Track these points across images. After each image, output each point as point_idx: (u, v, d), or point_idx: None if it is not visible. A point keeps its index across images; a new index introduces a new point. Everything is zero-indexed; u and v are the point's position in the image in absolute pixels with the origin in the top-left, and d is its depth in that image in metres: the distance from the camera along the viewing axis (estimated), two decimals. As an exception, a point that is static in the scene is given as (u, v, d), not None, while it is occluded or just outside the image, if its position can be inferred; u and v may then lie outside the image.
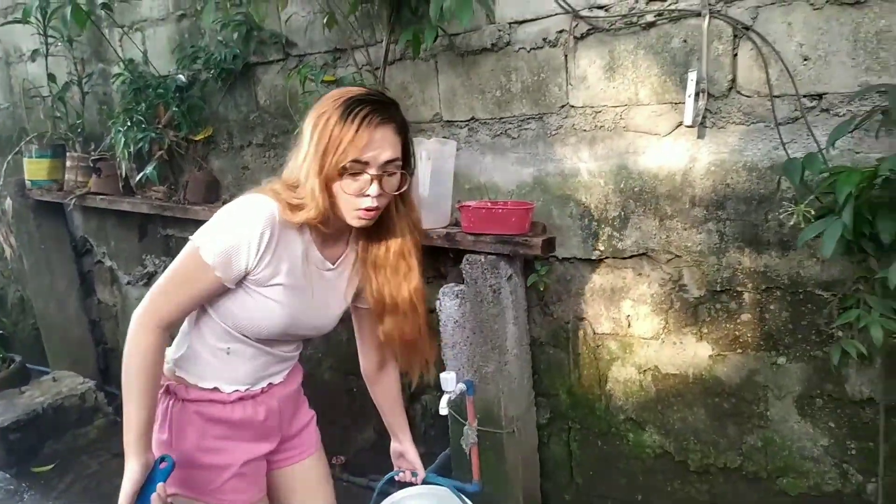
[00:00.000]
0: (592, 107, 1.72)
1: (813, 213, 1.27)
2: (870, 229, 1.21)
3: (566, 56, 1.73)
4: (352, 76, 2.05)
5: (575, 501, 2.01)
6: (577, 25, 1.68)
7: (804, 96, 1.43)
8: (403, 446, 1.47)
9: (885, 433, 1.44)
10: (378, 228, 1.21)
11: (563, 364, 1.92)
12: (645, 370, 1.78)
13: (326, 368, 2.55)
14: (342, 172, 1.08)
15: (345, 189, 1.10)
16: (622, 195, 1.71)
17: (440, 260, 2.03)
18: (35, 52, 3.09)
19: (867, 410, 1.49)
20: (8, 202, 3.19)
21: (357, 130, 1.07)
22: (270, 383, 1.31)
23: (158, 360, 1.16)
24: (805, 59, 1.42)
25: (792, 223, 1.34)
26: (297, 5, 2.16)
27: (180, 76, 2.53)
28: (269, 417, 1.31)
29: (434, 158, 1.75)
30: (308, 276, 1.19)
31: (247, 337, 1.22)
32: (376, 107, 1.10)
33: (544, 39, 1.74)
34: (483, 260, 1.74)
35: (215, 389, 1.24)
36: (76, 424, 3.08)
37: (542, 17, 1.73)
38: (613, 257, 1.76)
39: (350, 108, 1.08)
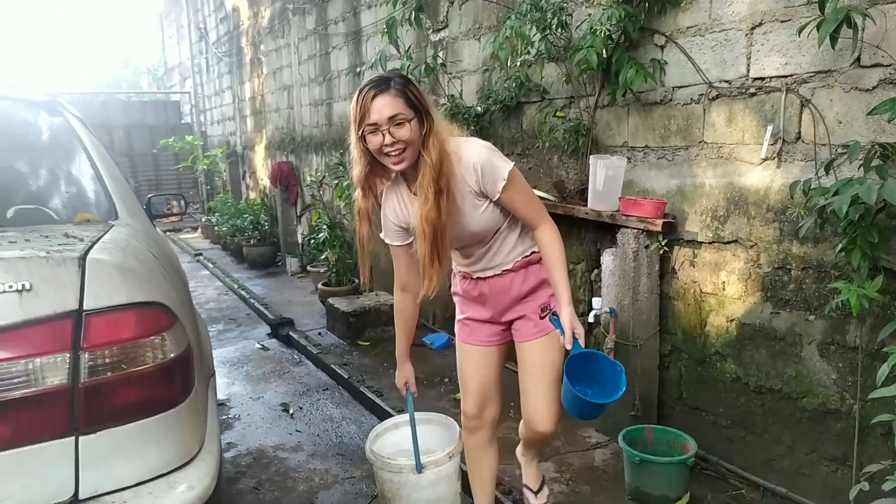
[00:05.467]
0: (717, 143, 2.67)
1: (804, 213, 2.12)
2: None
3: (704, 110, 2.70)
4: (576, 114, 3.27)
5: (680, 409, 2.93)
6: (711, 91, 2.65)
7: (837, 145, 2.23)
8: (559, 308, 1.86)
9: (861, 370, 2.17)
10: (415, 169, 1.74)
11: (681, 312, 2.87)
12: (731, 320, 2.66)
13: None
14: (365, 135, 1.67)
15: (370, 145, 1.68)
16: (727, 201, 2.63)
17: (607, 231, 3.12)
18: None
19: (858, 355, 2.21)
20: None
21: (361, 104, 1.64)
22: (479, 276, 1.99)
23: (406, 312, 2.01)
24: (839, 122, 2.23)
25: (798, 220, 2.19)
26: (550, 69, 3.44)
27: (478, 107, 4.01)
28: (481, 297, 2.02)
29: (608, 168, 2.88)
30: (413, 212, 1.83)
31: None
32: (374, 84, 1.65)
33: (691, 98, 2.74)
34: (629, 231, 2.81)
35: (460, 270, 2.11)
36: (385, 322, 4.81)
37: (692, 85, 2.73)
38: (718, 241, 2.68)
39: (359, 92, 1.67)
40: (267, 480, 2.79)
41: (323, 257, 5.46)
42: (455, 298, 2.16)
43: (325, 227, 5.44)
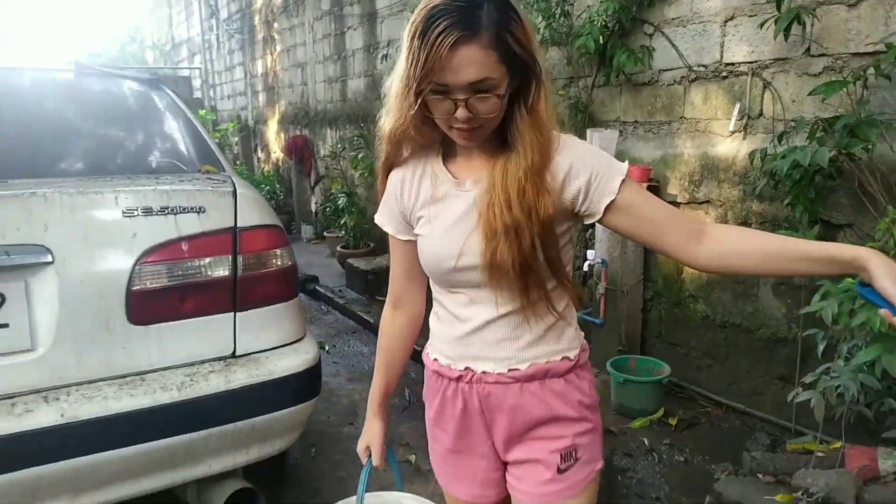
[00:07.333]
0: (695, 118, 3.15)
1: (761, 176, 2.62)
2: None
3: (684, 90, 3.18)
4: (576, 92, 3.74)
5: (659, 344, 3.46)
6: (690, 74, 3.13)
7: (790, 120, 2.72)
8: (866, 263, 0.91)
9: (804, 304, 2.69)
10: (502, 145, 1.06)
11: (662, 262, 3.38)
12: (702, 268, 3.17)
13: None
14: (425, 93, 0.97)
15: (432, 110, 1.01)
16: (701, 168, 3.12)
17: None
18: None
19: (802, 292, 2.73)
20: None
21: (430, 51, 0.92)
22: (470, 368, 1.14)
23: (391, 340, 1.30)
24: (793, 101, 2.72)
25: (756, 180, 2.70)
26: (553, 52, 3.90)
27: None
28: (466, 415, 1.17)
29: (602, 139, 3.37)
30: (442, 198, 1.12)
31: (439, 291, 1.19)
32: (456, 20, 0.92)
33: (674, 80, 3.22)
34: (619, 194, 3.30)
35: (430, 357, 1.24)
36: (399, 281, 5.32)
37: (675, 69, 3.21)
38: (693, 202, 3.18)
39: (428, 22, 0.93)
40: (314, 396, 3.30)
41: (342, 222, 5.94)
42: (429, 424, 1.30)
43: (342, 194, 5.91)
